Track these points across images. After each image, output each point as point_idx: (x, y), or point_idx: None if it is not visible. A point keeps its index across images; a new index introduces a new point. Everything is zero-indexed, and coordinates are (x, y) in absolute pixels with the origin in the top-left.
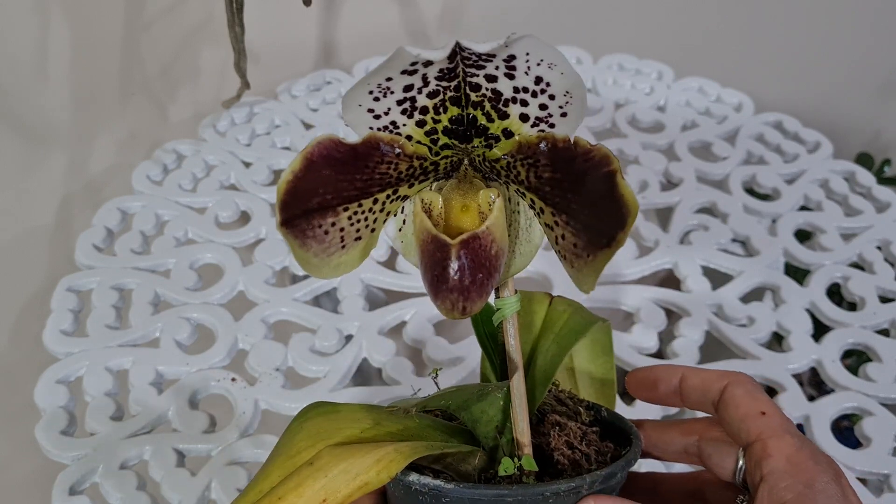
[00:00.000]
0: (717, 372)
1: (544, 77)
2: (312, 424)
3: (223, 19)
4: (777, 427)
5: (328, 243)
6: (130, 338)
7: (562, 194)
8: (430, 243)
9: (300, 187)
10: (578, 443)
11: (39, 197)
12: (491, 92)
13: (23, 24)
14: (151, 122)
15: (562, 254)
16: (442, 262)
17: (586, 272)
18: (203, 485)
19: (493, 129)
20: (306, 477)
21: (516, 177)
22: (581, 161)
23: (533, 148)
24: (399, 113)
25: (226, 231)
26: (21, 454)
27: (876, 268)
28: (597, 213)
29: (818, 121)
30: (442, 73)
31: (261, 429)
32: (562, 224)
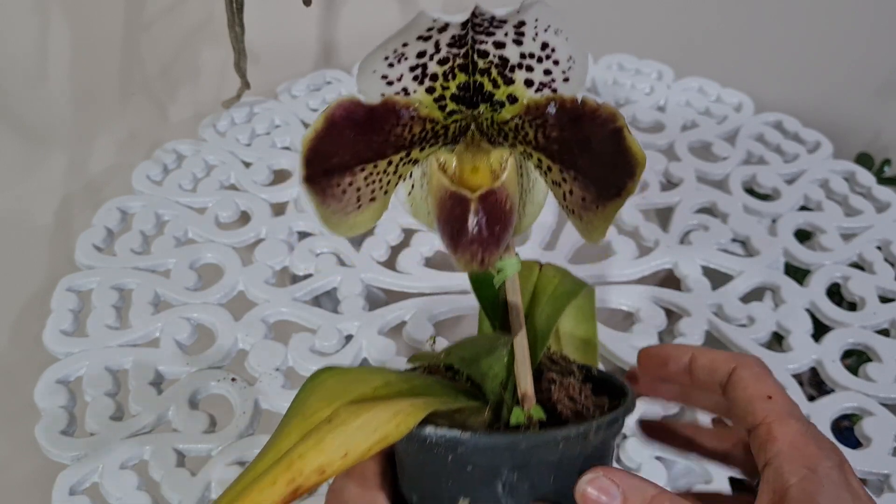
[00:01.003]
0: (726, 353)
1: (550, 42)
2: (325, 386)
3: (223, 19)
4: (782, 411)
5: (345, 202)
6: (130, 338)
7: (569, 151)
8: (449, 199)
9: (321, 146)
10: (577, 395)
11: (39, 197)
12: (498, 59)
13: (23, 23)
14: (151, 122)
15: (569, 208)
16: (462, 216)
17: (596, 223)
18: (203, 485)
19: (498, 94)
20: (326, 433)
21: (524, 137)
22: (588, 119)
23: (542, 109)
24: (411, 79)
25: (226, 231)
26: (21, 454)
27: (876, 268)
28: (605, 167)
29: (818, 121)
30: (453, 40)
31: (261, 429)
32: (569, 180)
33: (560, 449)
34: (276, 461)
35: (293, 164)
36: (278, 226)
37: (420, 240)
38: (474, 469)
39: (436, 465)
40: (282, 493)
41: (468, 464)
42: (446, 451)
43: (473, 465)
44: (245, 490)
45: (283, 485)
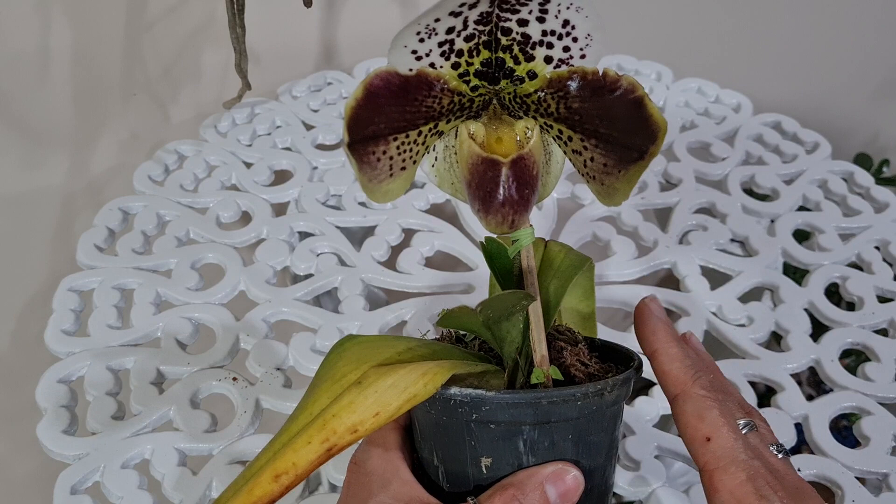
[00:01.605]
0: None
1: (571, 20)
2: (350, 353)
3: (224, 20)
4: (723, 454)
5: (379, 170)
6: (132, 337)
7: (591, 121)
8: (481, 164)
9: (361, 114)
10: (588, 360)
11: (41, 197)
12: (521, 36)
13: (24, 24)
14: (153, 122)
15: (590, 174)
16: (494, 180)
17: (618, 185)
18: (204, 484)
19: (518, 70)
20: (357, 395)
21: (546, 109)
22: (609, 90)
23: (563, 81)
24: (438, 55)
25: (227, 231)
26: (22, 453)
27: (874, 268)
28: (627, 133)
29: (817, 121)
30: (480, 17)
31: (262, 428)
32: (591, 148)
33: (579, 405)
34: (310, 422)
35: (294, 164)
36: (279, 226)
37: (420, 240)
38: (497, 427)
39: (458, 425)
40: (317, 452)
41: (491, 422)
42: (471, 410)
43: (496, 424)
44: (280, 451)
45: (317, 444)
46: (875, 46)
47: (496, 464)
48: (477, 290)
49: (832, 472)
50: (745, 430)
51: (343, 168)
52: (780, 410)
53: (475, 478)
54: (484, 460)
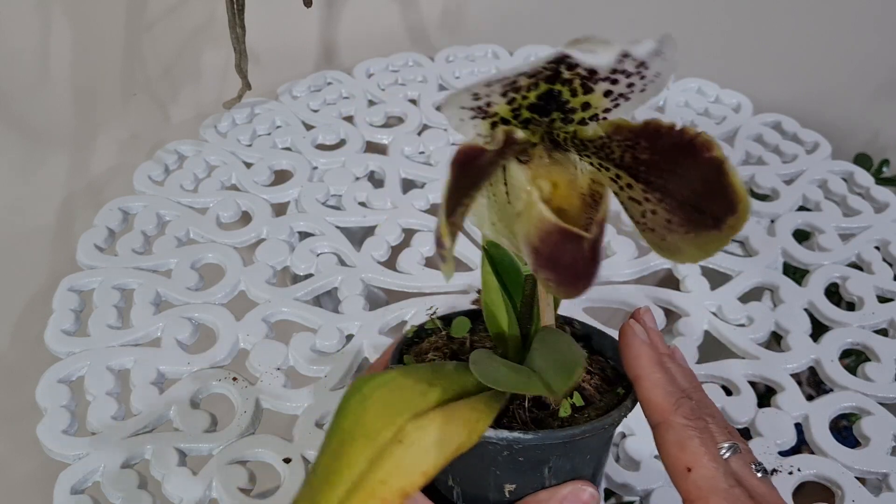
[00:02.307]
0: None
1: (647, 62)
2: (376, 402)
3: (224, 20)
4: (704, 484)
5: (455, 237)
6: (132, 337)
7: (657, 174)
8: (557, 234)
9: (453, 195)
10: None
11: (41, 197)
12: (587, 71)
13: (24, 23)
14: (153, 122)
15: (647, 226)
16: (574, 254)
17: (684, 247)
18: (205, 484)
19: (573, 102)
20: (402, 456)
21: (607, 155)
22: (684, 147)
23: (636, 132)
24: (499, 94)
25: (227, 231)
26: (22, 453)
27: (874, 268)
28: (700, 197)
29: (817, 121)
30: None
31: (262, 428)
32: (653, 201)
33: (605, 431)
34: (353, 489)
35: (294, 164)
36: (279, 226)
37: (420, 240)
38: (526, 460)
39: (485, 457)
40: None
41: (521, 456)
42: (503, 448)
43: (525, 458)
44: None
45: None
46: (875, 46)
47: (519, 489)
48: (475, 285)
49: (832, 472)
50: (727, 453)
51: (343, 168)
52: (780, 410)
53: (495, 500)
54: (507, 486)
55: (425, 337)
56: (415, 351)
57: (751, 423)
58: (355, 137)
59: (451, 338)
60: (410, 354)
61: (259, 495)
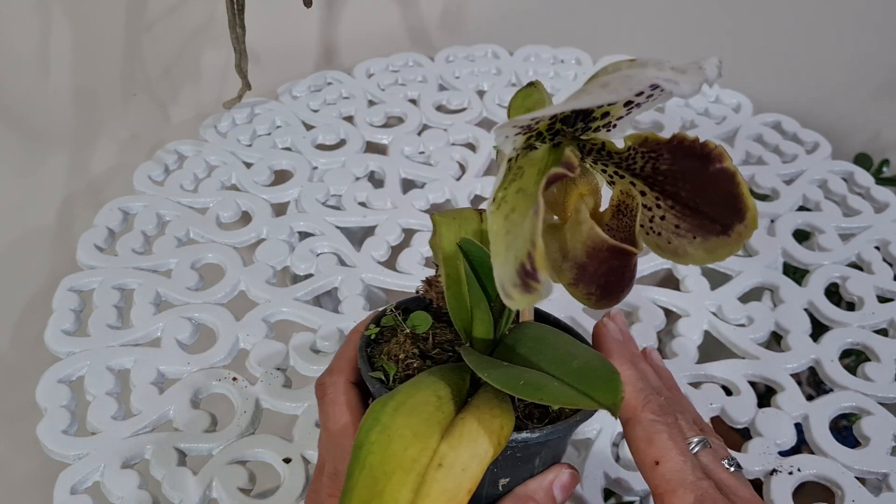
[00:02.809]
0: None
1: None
2: (399, 429)
3: (224, 20)
4: (672, 477)
5: None
6: (132, 337)
7: (674, 183)
8: (607, 251)
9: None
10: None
11: (41, 197)
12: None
13: (24, 23)
14: (153, 122)
15: (654, 230)
16: (621, 270)
17: (691, 251)
18: (204, 484)
19: (596, 112)
20: (445, 479)
21: (629, 165)
22: (702, 159)
23: (661, 145)
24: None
25: (227, 231)
26: (22, 453)
27: (874, 268)
28: (711, 204)
29: (817, 121)
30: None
31: (262, 428)
32: (665, 207)
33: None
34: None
35: (294, 164)
36: (279, 226)
37: (420, 240)
38: (522, 455)
39: None
40: None
41: (520, 452)
42: (507, 448)
43: (524, 454)
44: None
45: None
46: (875, 46)
47: (512, 481)
48: None
49: (832, 472)
50: (696, 448)
51: (343, 168)
52: (780, 410)
53: (489, 495)
54: (502, 480)
55: (386, 335)
56: (384, 353)
57: (751, 423)
58: (355, 137)
59: (415, 335)
60: (382, 357)
61: (259, 495)
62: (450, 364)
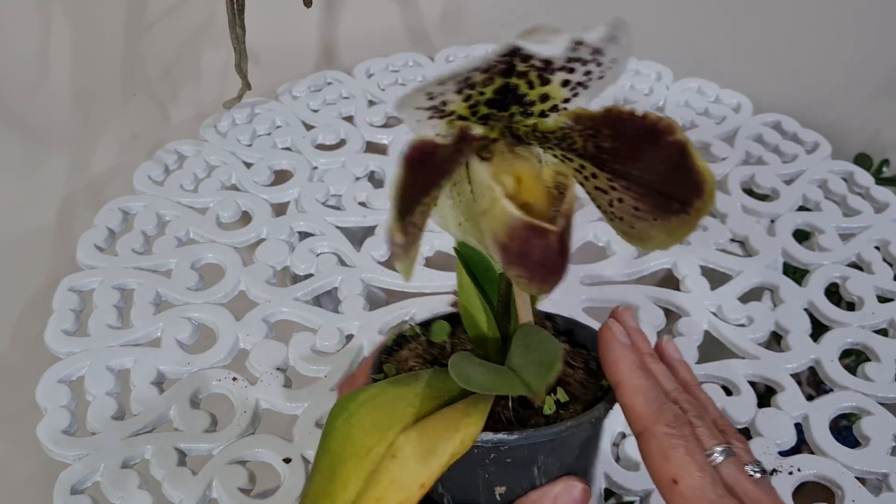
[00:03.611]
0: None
1: (603, 48)
2: (362, 419)
3: (224, 20)
4: (691, 498)
5: (409, 239)
6: (132, 337)
7: (622, 162)
8: (523, 229)
9: (406, 192)
10: (573, 360)
11: (41, 197)
12: (541, 62)
13: (24, 23)
14: (153, 122)
15: (616, 215)
16: (543, 249)
17: (653, 234)
18: (204, 484)
19: (530, 95)
20: (397, 471)
21: (570, 145)
22: (647, 133)
23: (596, 120)
24: (453, 92)
25: (227, 231)
26: (22, 453)
27: (874, 268)
28: (665, 181)
29: (817, 121)
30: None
31: (262, 428)
32: (620, 189)
33: (590, 426)
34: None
35: (294, 164)
36: (279, 226)
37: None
38: (514, 461)
39: (472, 462)
40: None
41: (509, 457)
42: (489, 451)
43: (514, 458)
44: None
45: None
46: (875, 46)
47: (510, 491)
48: None
49: (832, 472)
50: (721, 457)
51: (343, 168)
52: (780, 410)
53: (487, 502)
54: (498, 489)
55: (405, 344)
56: (395, 359)
57: (751, 423)
58: (355, 137)
59: (432, 343)
60: (391, 363)
61: (259, 495)
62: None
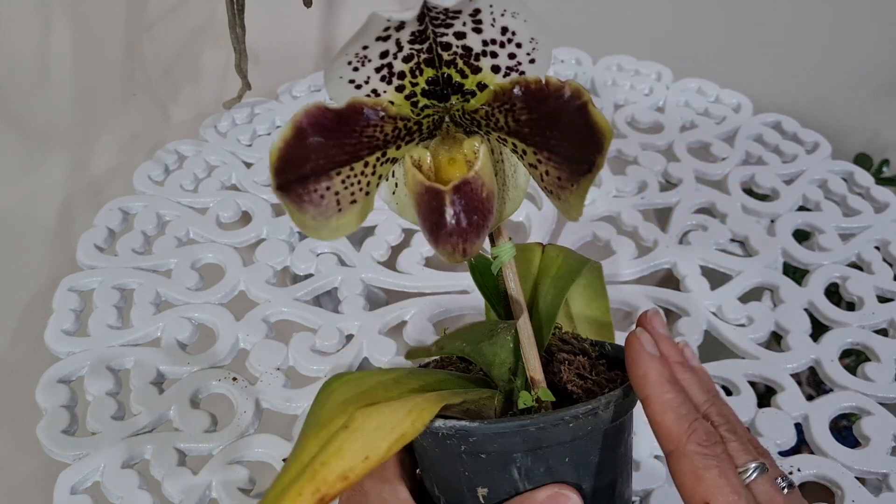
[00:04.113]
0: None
1: (509, 26)
2: (337, 394)
3: (224, 20)
4: None
5: (324, 206)
6: (132, 337)
7: (541, 132)
8: (425, 193)
9: (292, 154)
10: (588, 373)
11: (41, 197)
12: (462, 49)
13: (24, 23)
14: (153, 122)
15: (548, 189)
16: (438, 209)
17: (573, 201)
18: (204, 484)
19: (467, 84)
20: (344, 440)
21: (496, 124)
22: (554, 98)
23: (508, 94)
24: (378, 80)
25: (227, 231)
26: (22, 453)
27: (874, 268)
28: (574, 144)
29: (817, 121)
30: (414, 37)
31: (262, 428)
32: (544, 161)
33: (571, 428)
34: (300, 473)
35: None
36: (279, 226)
37: (420, 240)
38: (488, 457)
39: (451, 456)
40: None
41: (481, 452)
42: (459, 441)
43: (487, 454)
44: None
45: (308, 495)
46: (875, 46)
47: (493, 493)
48: (476, 291)
49: (832, 472)
50: (753, 475)
51: None
52: (780, 410)
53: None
54: (480, 490)
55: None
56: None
57: (751, 423)
58: None
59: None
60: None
61: (259, 495)
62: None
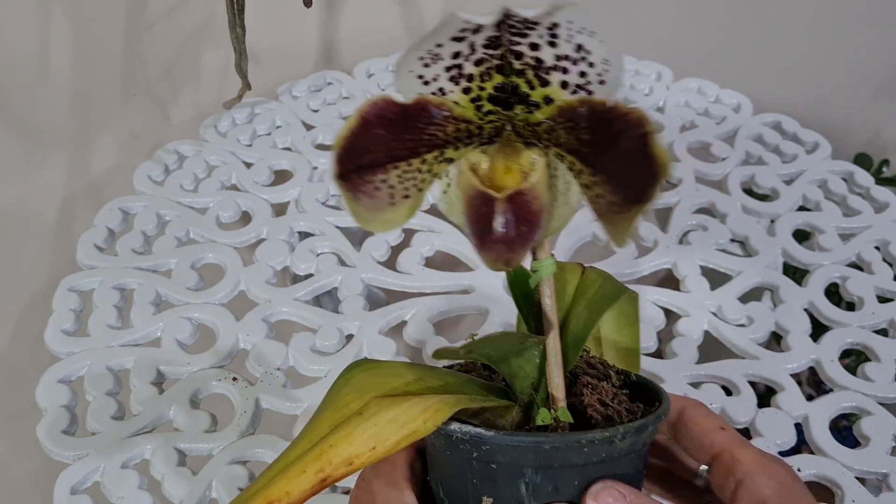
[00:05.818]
0: (672, 396)
1: (585, 45)
2: (357, 380)
3: (224, 20)
4: (737, 439)
5: (378, 199)
6: (132, 337)
7: (600, 154)
8: (478, 198)
9: (355, 143)
10: (610, 401)
11: (41, 197)
12: (534, 60)
13: (25, 24)
14: (153, 122)
15: (599, 213)
16: (488, 215)
17: (621, 227)
18: (204, 484)
19: (534, 96)
20: (356, 426)
21: (556, 140)
22: (619, 123)
23: (573, 111)
24: (447, 79)
25: (227, 231)
26: (22, 453)
27: (874, 268)
28: (631, 171)
29: (817, 121)
30: (488, 41)
31: (262, 428)
32: (599, 183)
33: (584, 453)
34: (307, 450)
35: (294, 164)
36: (279, 226)
37: (420, 240)
38: (498, 467)
39: (461, 461)
40: (311, 482)
41: (492, 462)
42: (471, 447)
43: (497, 464)
44: (275, 478)
45: (311, 473)
46: (875, 46)
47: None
48: (476, 291)
49: (832, 472)
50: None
51: None
52: (780, 410)
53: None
54: (486, 500)
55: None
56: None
57: (751, 423)
58: None
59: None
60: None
61: None
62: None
